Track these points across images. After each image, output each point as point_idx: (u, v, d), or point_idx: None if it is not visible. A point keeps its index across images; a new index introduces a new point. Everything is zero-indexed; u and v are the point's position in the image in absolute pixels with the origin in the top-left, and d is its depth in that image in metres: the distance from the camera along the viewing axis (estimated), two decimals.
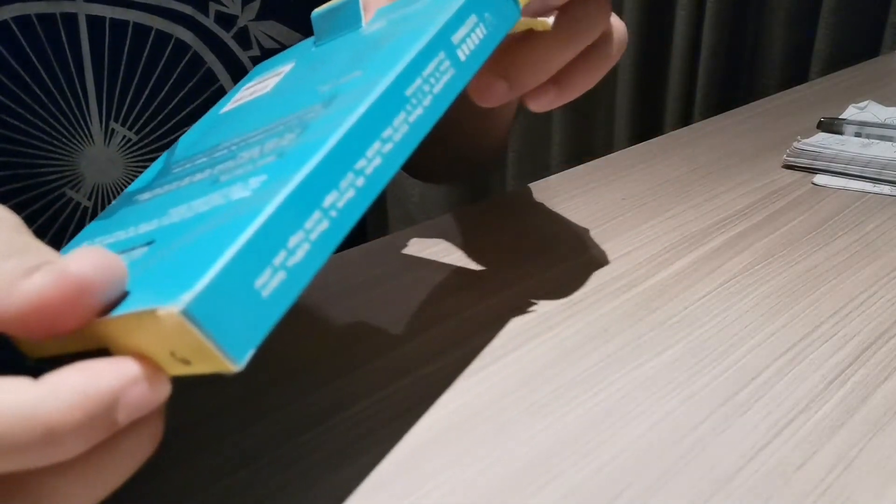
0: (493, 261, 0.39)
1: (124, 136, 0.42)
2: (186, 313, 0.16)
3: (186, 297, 0.16)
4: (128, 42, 0.41)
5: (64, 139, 0.41)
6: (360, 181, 0.21)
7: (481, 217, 0.44)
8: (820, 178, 0.48)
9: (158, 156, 0.44)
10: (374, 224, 1.38)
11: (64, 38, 0.40)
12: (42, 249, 0.19)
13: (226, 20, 0.43)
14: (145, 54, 0.42)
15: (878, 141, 0.54)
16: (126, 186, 0.43)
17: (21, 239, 0.19)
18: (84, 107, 0.41)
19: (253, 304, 0.17)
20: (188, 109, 0.44)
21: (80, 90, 0.41)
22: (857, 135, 0.55)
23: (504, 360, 0.30)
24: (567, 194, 0.48)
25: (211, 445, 0.26)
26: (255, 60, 0.45)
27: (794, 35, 1.10)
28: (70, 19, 0.40)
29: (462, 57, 0.25)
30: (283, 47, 0.46)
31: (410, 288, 0.36)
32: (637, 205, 0.45)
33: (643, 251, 0.39)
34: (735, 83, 1.19)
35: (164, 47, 0.42)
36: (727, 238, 0.41)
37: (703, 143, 0.56)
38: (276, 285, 0.18)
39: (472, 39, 0.25)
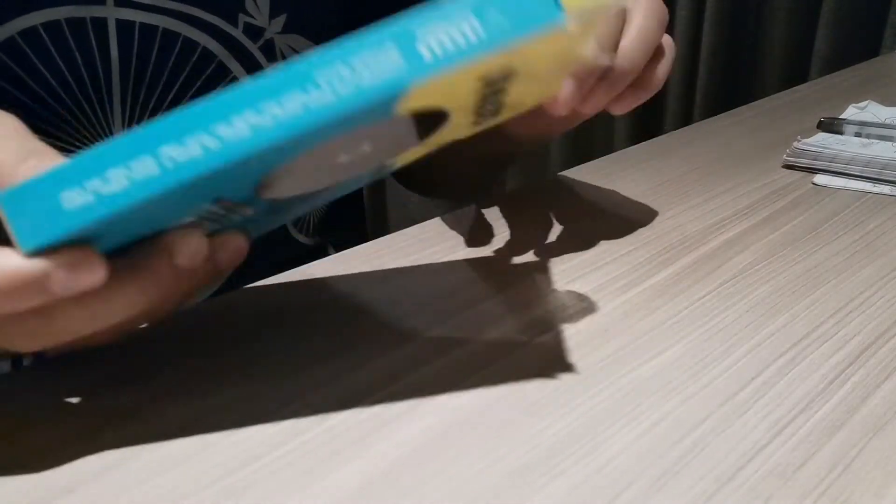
0: (493, 261, 0.39)
1: None
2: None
3: (6, 190, 0.22)
4: (156, 48, 0.41)
5: (87, 141, 0.41)
6: (213, 143, 0.22)
7: (481, 218, 0.44)
8: (820, 178, 0.48)
9: None
10: (374, 224, 1.38)
11: (94, 42, 0.40)
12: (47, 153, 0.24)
13: (254, 32, 0.44)
14: (172, 60, 0.42)
15: (878, 141, 0.54)
16: None
17: (31, 143, 0.24)
18: (108, 110, 0.41)
19: (51, 211, 0.22)
20: None
21: (105, 94, 0.41)
22: (857, 135, 0.55)
23: (504, 360, 0.30)
24: (567, 194, 0.48)
25: (211, 445, 0.26)
26: None
27: (794, 35, 1.10)
28: (100, 24, 0.40)
29: (426, 55, 0.22)
30: None
31: (410, 288, 0.36)
32: (637, 205, 0.45)
33: (643, 251, 0.39)
34: (735, 83, 1.19)
35: (191, 55, 0.42)
36: (727, 238, 0.41)
37: (703, 143, 0.56)
38: (79, 203, 0.22)
39: (453, 38, 0.22)
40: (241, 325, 0.33)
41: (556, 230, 0.42)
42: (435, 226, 0.43)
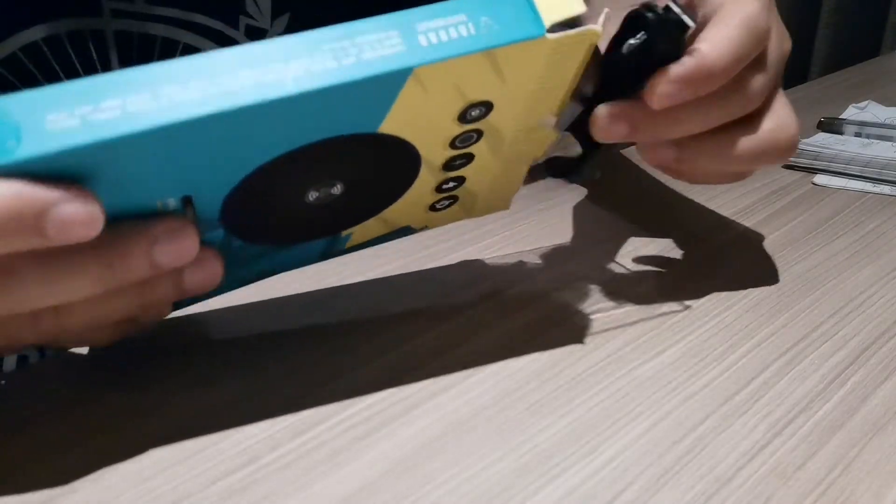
0: (493, 261, 0.39)
1: None
2: None
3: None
4: (155, 57, 0.41)
5: None
6: (215, 89, 0.22)
7: (481, 217, 0.44)
8: (820, 178, 0.48)
9: None
10: None
11: (94, 55, 0.40)
12: None
13: (255, 33, 0.43)
14: None
15: (878, 141, 0.54)
16: None
17: None
18: None
19: (33, 130, 0.21)
20: None
21: None
22: (857, 135, 0.55)
23: (504, 360, 0.30)
24: (567, 194, 0.48)
25: (211, 445, 0.26)
26: None
27: (793, 35, 1.10)
28: (99, 36, 0.39)
29: (423, 42, 0.24)
30: None
31: (411, 288, 0.36)
32: (637, 204, 0.45)
33: (643, 251, 0.39)
34: None
35: None
36: (727, 238, 0.41)
37: None
38: (64, 126, 0.21)
39: (448, 32, 0.24)
40: (240, 325, 0.33)
41: (557, 230, 0.42)
42: None
